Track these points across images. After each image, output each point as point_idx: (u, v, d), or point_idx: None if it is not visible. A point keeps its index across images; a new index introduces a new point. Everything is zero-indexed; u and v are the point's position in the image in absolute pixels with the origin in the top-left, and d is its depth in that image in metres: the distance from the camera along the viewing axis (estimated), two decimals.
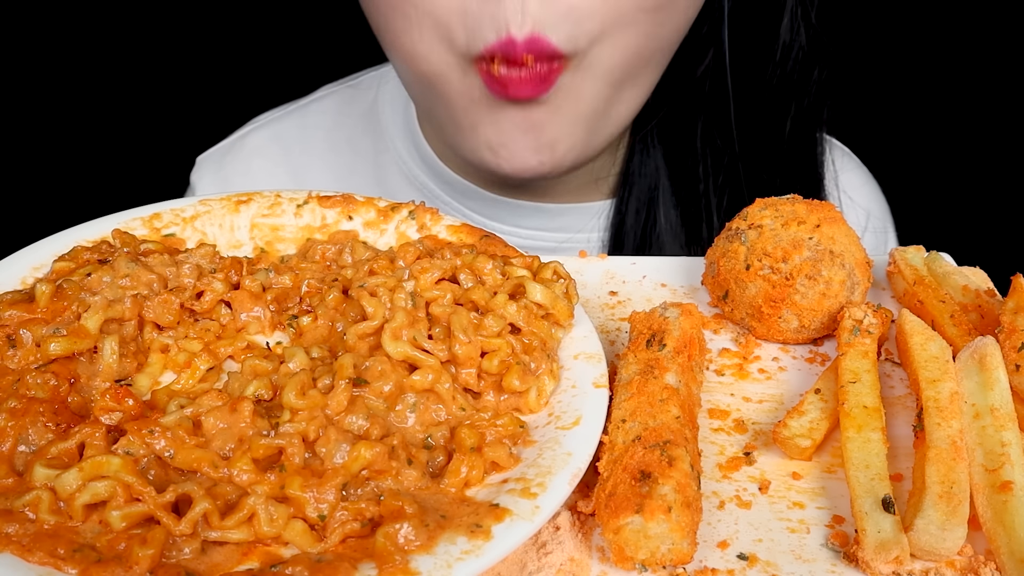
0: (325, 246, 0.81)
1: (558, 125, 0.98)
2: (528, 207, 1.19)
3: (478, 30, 0.90)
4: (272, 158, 1.33)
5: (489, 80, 0.93)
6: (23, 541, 0.53)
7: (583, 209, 1.21)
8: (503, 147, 0.98)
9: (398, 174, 1.25)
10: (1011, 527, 0.59)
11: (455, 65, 0.96)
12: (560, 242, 1.20)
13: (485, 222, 1.20)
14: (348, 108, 1.34)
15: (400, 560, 0.54)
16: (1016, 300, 0.73)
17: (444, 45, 0.94)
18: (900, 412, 0.74)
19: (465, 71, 0.95)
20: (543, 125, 0.97)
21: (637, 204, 1.19)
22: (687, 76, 1.13)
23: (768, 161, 1.16)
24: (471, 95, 0.97)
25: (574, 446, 0.64)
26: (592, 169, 1.18)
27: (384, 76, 1.33)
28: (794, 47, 1.12)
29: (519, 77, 0.91)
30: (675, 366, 0.70)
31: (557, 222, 1.20)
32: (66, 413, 0.63)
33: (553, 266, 0.76)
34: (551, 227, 1.21)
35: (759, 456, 0.70)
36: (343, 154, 1.31)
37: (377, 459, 0.60)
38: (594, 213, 1.21)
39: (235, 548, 0.56)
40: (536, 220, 1.20)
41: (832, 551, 0.62)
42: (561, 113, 0.97)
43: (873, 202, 1.36)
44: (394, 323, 0.68)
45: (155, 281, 0.73)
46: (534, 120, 0.97)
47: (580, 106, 0.98)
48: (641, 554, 0.58)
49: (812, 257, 0.78)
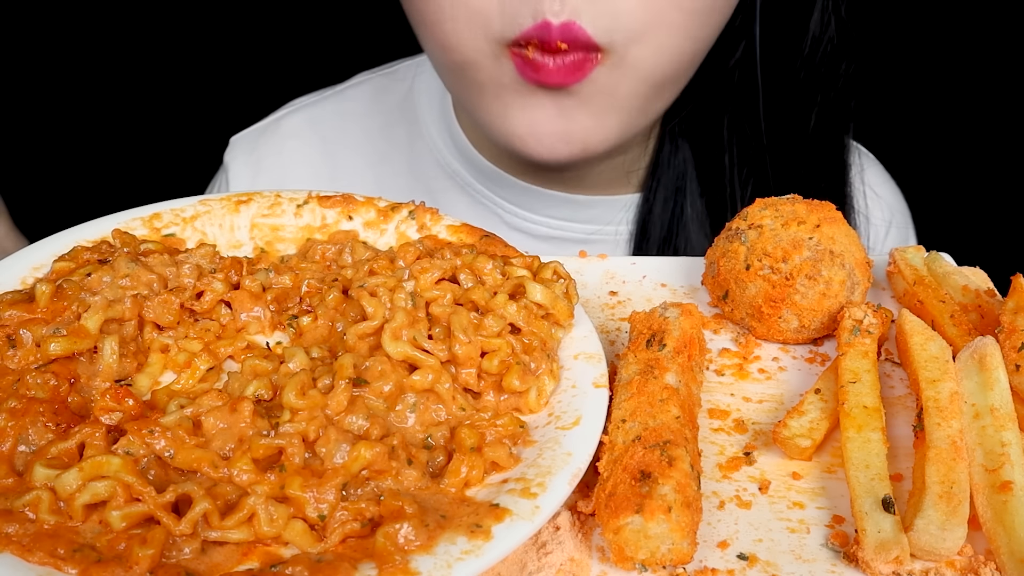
0: (325, 246, 0.81)
1: (588, 116, 0.99)
2: (559, 198, 1.21)
3: (515, 16, 0.92)
4: (306, 141, 1.34)
5: (522, 64, 0.95)
6: (23, 541, 0.53)
7: (612, 202, 1.22)
8: (531, 134, 1.00)
9: (432, 162, 1.27)
10: (1011, 527, 0.59)
11: (488, 52, 0.97)
12: (589, 234, 1.23)
13: (516, 211, 1.21)
14: (384, 96, 1.35)
15: (400, 560, 0.54)
16: (1016, 300, 0.73)
17: (479, 32, 0.96)
18: (900, 412, 0.74)
19: (498, 57, 0.97)
20: (573, 114, 0.99)
21: (664, 194, 1.20)
22: (718, 68, 1.14)
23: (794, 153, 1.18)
24: (502, 81, 0.98)
25: (574, 446, 0.64)
26: (624, 162, 1.20)
27: (420, 65, 1.34)
28: (823, 40, 1.14)
29: (552, 63, 0.93)
30: (675, 366, 0.70)
31: (587, 213, 1.22)
32: (66, 413, 0.63)
33: (553, 266, 0.76)
34: (581, 218, 1.22)
35: (759, 456, 0.70)
36: (377, 141, 1.33)
37: (377, 459, 0.60)
38: (623, 206, 1.23)
39: (235, 548, 0.56)
40: (566, 211, 1.22)
41: (832, 551, 0.62)
42: (592, 104, 0.99)
43: (895, 206, 1.37)
44: (394, 323, 0.68)
45: (155, 281, 0.73)
46: (564, 108, 0.98)
47: (614, 101, 0.99)
48: (641, 554, 0.58)
49: (812, 257, 0.78)
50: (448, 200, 1.25)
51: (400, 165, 1.30)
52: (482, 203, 1.23)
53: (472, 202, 1.24)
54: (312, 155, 1.34)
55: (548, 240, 1.23)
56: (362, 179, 1.31)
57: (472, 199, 1.24)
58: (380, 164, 1.31)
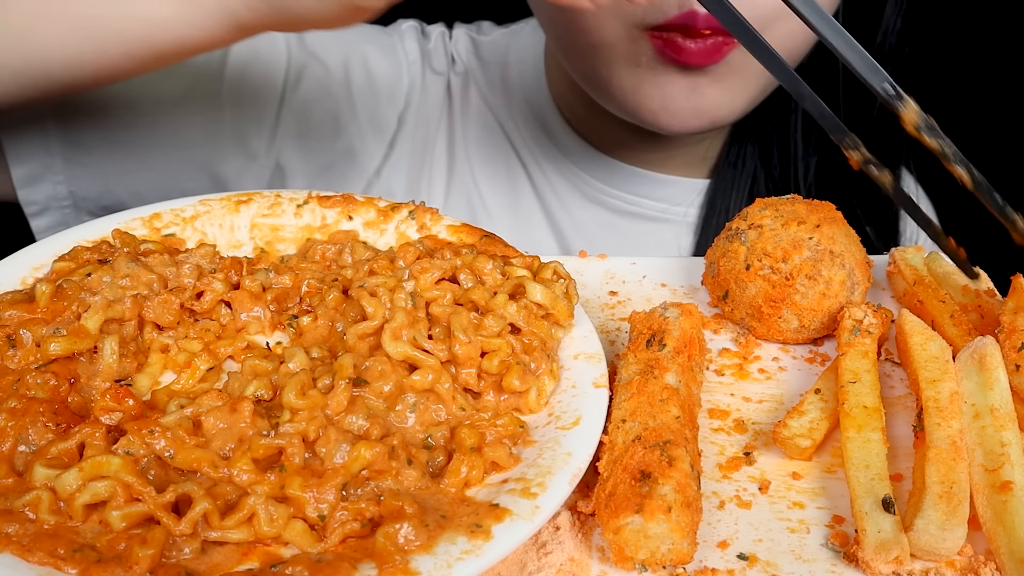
0: (325, 246, 0.81)
1: (719, 92, 1.05)
2: (638, 174, 1.25)
3: (662, 5, 0.97)
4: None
5: (662, 46, 0.99)
6: (23, 541, 0.53)
7: (686, 183, 1.27)
8: (664, 108, 1.05)
9: (524, 124, 1.29)
10: (1011, 527, 0.59)
11: (625, 35, 1.02)
12: (659, 211, 1.27)
13: (595, 183, 1.25)
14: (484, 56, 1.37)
15: (400, 560, 0.54)
16: (1016, 300, 0.73)
17: (619, 19, 1.01)
18: (900, 412, 0.74)
19: (635, 40, 1.01)
20: (705, 90, 1.04)
21: (731, 184, 1.26)
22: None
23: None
24: (637, 61, 1.03)
25: (574, 446, 0.64)
26: (703, 148, 1.25)
27: (516, 33, 1.35)
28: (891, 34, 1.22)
29: (694, 46, 0.98)
30: (675, 366, 0.70)
31: (660, 192, 1.26)
32: (66, 413, 0.63)
33: (553, 266, 0.76)
34: (654, 196, 1.26)
35: (759, 456, 0.70)
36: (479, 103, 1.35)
37: (377, 459, 0.60)
38: (695, 189, 1.27)
39: (235, 548, 0.56)
40: (641, 187, 1.26)
41: (832, 551, 0.62)
42: (724, 82, 1.04)
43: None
44: (394, 323, 0.68)
45: (155, 281, 0.73)
46: (697, 85, 1.03)
47: (744, 80, 1.05)
48: (641, 554, 0.58)
49: (812, 257, 0.78)
50: (531, 167, 1.28)
51: (486, 128, 1.32)
52: (563, 173, 1.27)
53: (554, 169, 1.27)
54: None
55: (623, 214, 1.26)
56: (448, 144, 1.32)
57: (553, 166, 1.27)
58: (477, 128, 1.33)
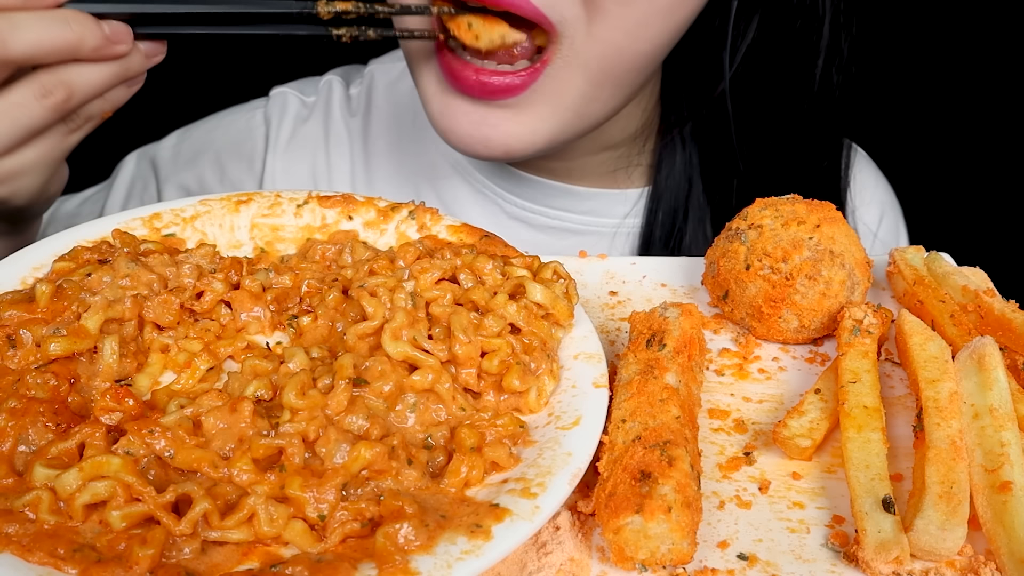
0: (325, 246, 0.81)
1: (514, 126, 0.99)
2: (558, 188, 1.22)
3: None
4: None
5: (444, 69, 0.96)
6: (23, 541, 0.53)
7: (611, 195, 1.24)
8: (453, 133, 1.01)
9: (436, 152, 1.28)
10: (1011, 527, 0.59)
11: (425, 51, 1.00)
12: (586, 225, 1.24)
13: (516, 200, 1.23)
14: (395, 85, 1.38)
15: (400, 560, 0.54)
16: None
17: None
18: (900, 412, 0.74)
19: (430, 56, 0.99)
20: (497, 124, 0.99)
21: (667, 193, 1.22)
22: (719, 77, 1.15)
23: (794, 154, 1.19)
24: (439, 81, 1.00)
25: (574, 446, 0.64)
26: (614, 158, 1.21)
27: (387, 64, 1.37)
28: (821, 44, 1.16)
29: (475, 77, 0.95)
30: (675, 366, 0.70)
31: (585, 205, 1.24)
32: (66, 413, 0.63)
33: (553, 266, 0.76)
34: (579, 209, 1.24)
35: (759, 456, 0.70)
36: (385, 131, 1.35)
37: (377, 459, 0.60)
38: (623, 199, 1.24)
39: (235, 548, 0.56)
40: (564, 201, 1.23)
41: (832, 551, 0.62)
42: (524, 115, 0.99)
43: (885, 201, 1.37)
44: (394, 323, 0.68)
45: (155, 281, 0.73)
46: (488, 117, 0.99)
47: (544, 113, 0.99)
48: (641, 554, 0.58)
49: (812, 257, 0.78)
50: (451, 188, 1.27)
51: (405, 154, 1.32)
52: (483, 192, 1.25)
53: (473, 191, 1.26)
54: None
55: (546, 230, 1.24)
56: (365, 167, 1.32)
57: (473, 188, 1.26)
58: (392, 153, 1.33)
